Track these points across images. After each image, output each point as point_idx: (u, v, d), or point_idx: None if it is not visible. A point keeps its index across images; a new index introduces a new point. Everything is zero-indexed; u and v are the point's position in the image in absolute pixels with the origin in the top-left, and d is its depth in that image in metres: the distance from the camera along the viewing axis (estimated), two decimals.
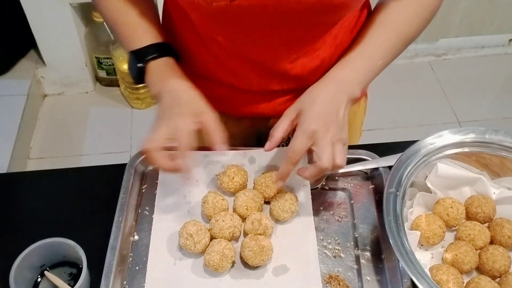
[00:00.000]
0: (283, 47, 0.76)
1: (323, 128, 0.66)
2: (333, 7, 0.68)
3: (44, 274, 0.69)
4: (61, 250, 0.69)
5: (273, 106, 0.85)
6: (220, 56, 0.79)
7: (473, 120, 2.15)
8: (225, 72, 0.82)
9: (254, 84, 0.81)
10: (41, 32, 2.00)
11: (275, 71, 0.79)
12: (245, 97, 0.84)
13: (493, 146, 0.77)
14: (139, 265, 0.70)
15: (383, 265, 0.70)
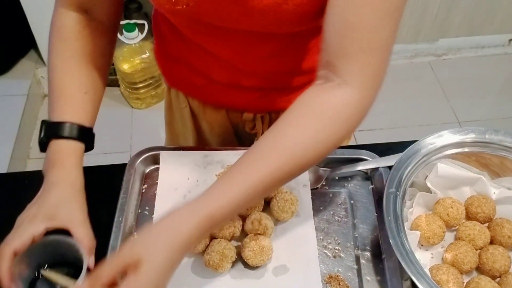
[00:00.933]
0: (248, 48, 0.75)
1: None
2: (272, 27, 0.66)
3: (41, 273, 0.68)
4: (60, 249, 0.67)
5: (246, 100, 0.86)
6: (194, 49, 0.80)
7: (473, 120, 2.15)
8: (199, 63, 0.83)
9: (225, 78, 0.82)
10: (41, 32, 2.00)
11: (242, 69, 0.79)
12: (219, 88, 0.85)
13: (493, 146, 0.77)
14: None
15: (383, 265, 0.70)
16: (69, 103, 0.69)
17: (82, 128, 0.69)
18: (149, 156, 0.82)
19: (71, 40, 0.71)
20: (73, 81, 0.70)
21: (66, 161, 0.68)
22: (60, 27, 0.71)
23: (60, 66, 0.71)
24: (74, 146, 0.69)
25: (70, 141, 0.68)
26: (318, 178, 0.80)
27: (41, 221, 0.62)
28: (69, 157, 0.69)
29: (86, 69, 0.71)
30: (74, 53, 0.71)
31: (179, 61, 0.85)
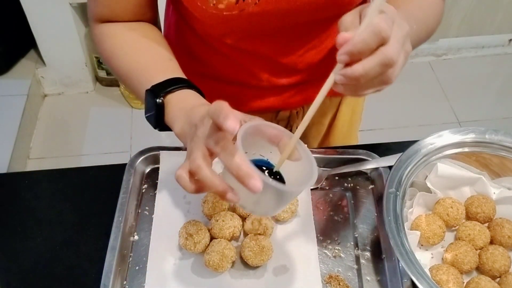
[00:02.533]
0: (292, 42, 0.76)
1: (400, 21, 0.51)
2: (342, 4, 0.68)
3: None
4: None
5: (282, 99, 0.86)
6: (228, 55, 0.79)
7: (473, 120, 2.15)
8: (233, 70, 0.82)
9: (263, 80, 0.82)
10: (41, 32, 2.00)
11: (284, 65, 0.79)
12: (254, 93, 0.84)
13: (493, 146, 0.76)
14: (139, 265, 0.70)
15: (383, 265, 0.70)
16: (160, 69, 0.67)
17: (185, 79, 0.67)
18: (149, 156, 0.82)
19: (127, 33, 0.72)
20: (153, 54, 0.70)
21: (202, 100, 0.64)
22: (108, 33, 0.73)
23: (131, 53, 0.70)
24: (193, 92, 0.65)
25: (186, 90, 0.65)
26: (318, 178, 0.80)
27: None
28: (201, 98, 0.65)
29: (157, 45, 0.71)
30: (136, 40, 0.71)
31: (205, 75, 0.83)
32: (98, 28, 0.74)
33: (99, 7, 0.73)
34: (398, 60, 0.48)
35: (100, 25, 0.74)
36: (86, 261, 0.72)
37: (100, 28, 0.74)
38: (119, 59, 0.71)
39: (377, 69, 0.47)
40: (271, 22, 0.70)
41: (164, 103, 0.63)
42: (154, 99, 0.63)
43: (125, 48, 0.72)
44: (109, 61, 0.73)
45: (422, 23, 0.68)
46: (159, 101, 0.63)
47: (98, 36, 0.74)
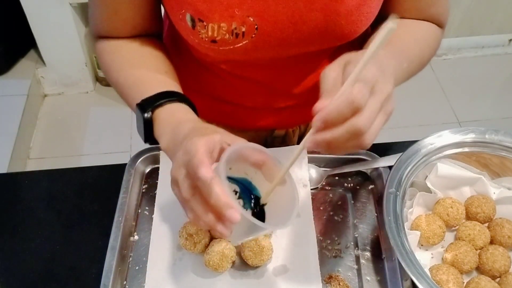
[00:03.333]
0: (287, 70, 0.76)
1: (380, 85, 0.50)
2: (338, 38, 0.68)
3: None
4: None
5: (277, 119, 0.86)
6: (223, 77, 0.79)
7: (473, 120, 2.15)
8: (228, 92, 0.82)
9: (258, 102, 0.82)
10: (41, 32, 2.00)
11: (279, 90, 0.79)
12: (250, 113, 0.84)
13: (493, 146, 0.76)
14: (139, 265, 0.70)
15: (383, 265, 0.70)
16: (154, 82, 0.67)
17: (178, 93, 0.66)
18: (149, 156, 0.82)
19: (125, 47, 0.72)
20: (148, 68, 0.70)
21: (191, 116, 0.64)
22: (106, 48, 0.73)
23: (128, 65, 0.71)
24: (183, 106, 0.65)
25: (176, 104, 0.64)
26: (318, 178, 0.80)
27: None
28: (190, 113, 0.64)
29: (154, 58, 0.71)
30: (133, 54, 0.71)
31: (200, 92, 0.83)
32: (99, 43, 0.74)
33: (100, 25, 0.73)
34: (368, 128, 0.49)
35: (101, 41, 0.74)
36: (86, 261, 0.72)
37: (101, 43, 0.74)
38: (116, 73, 0.71)
39: (346, 136, 0.49)
40: (266, 54, 0.69)
41: (153, 118, 0.63)
42: (142, 113, 0.63)
43: (122, 63, 0.71)
44: (107, 76, 0.74)
45: (415, 58, 0.70)
46: (147, 116, 0.63)
47: (98, 51, 0.75)
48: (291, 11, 0.64)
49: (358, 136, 0.49)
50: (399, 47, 0.66)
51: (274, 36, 0.66)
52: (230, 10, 0.62)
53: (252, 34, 0.65)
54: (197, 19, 0.64)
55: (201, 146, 0.51)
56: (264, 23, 0.64)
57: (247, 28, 0.64)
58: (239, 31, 0.64)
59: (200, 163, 0.49)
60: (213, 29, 0.64)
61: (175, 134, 0.58)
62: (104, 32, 0.73)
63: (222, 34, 0.64)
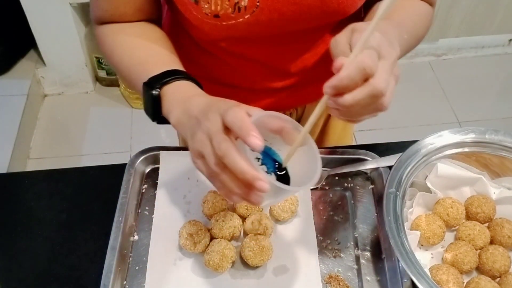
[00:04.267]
0: (285, 47, 0.77)
1: (387, 49, 0.52)
2: (337, 13, 0.69)
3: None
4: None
5: (275, 101, 0.86)
6: (222, 58, 0.79)
7: (473, 120, 2.15)
8: (226, 72, 0.82)
9: (256, 82, 0.82)
10: (41, 32, 2.00)
11: (277, 69, 0.80)
12: (247, 95, 0.84)
13: (493, 146, 0.76)
14: (139, 265, 0.70)
15: (383, 265, 0.70)
16: (159, 62, 0.68)
17: (183, 72, 0.67)
18: (149, 156, 0.82)
19: (128, 30, 0.72)
20: (152, 48, 0.71)
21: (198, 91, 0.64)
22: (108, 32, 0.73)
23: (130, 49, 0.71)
24: (190, 83, 0.65)
25: (182, 81, 0.65)
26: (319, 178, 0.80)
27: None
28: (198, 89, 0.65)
29: (157, 40, 0.72)
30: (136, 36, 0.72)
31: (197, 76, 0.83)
32: (100, 28, 0.75)
33: (101, 11, 0.73)
34: (387, 89, 0.51)
35: (102, 26, 0.75)
36: (86, 261, 0.72)
37: (102, 28, 0.75)
38: (118, 56, 0.72)
39: (366, 100, 0.50)
40: (266, 30, 0.70)
41: (161, 95, 0.63)
42: (150, 91, 0.63)
43: (124, 45, 0.72)
44: (110, 59, 0.74)
45: (413, 31, 0.72)
46: (155, 93, 0.63)
47: (100, 36, 0.75)
48: None
49: (378, 98, 0.50)
50: (397, 20, 0.67)
51: (274, 11, 0.67)
52: None
53: (253, 8, 0.66)
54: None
55: (244, 114, 0.51)
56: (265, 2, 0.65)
57: (249, 2, 0.65)
58: (241, 5, 0.65)
59: (249, 130, 0.49)
60: (216, 3, 0.65)
61: (187, 107, 0.58)
62: (106, 18, 0.73)
63: (225, 8, 0.65)
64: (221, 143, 0.50)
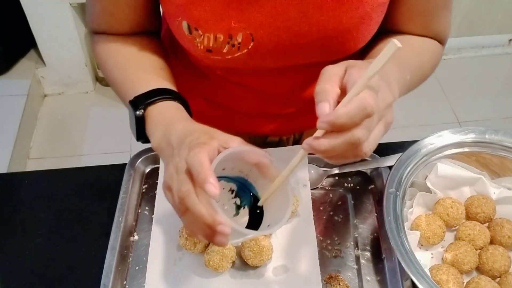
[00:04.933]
0: (284, 78, 0.75)
1: (383, 93, 0.50)
2: (338, 51, 0.67)
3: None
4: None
5: (272, 126, 0.85)
6: (218, 82, 0.78)
7: (473, 120, 2.15)
8: (222, 96, 0.81)
9: (253, 108, 0.81)
10: (41, 32, 2.00)
11: (275, 98, 0.79)
12: (243, 118, 0.83)
13: (493, 146, 0.76)
14: (139, 265, 0.70)
15: (383, 265, 0.70)
16: (149, 79, 0.66)
17: (172, 91, 0.65)
18: (149, 156, 0.82)
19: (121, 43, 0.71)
20: (143, 65, 0.69)
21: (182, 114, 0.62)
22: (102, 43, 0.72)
23: (123, 62, 0.70)
24: (176, 104, 0.63)
25: (168, 102, 0.63)
26: (318, 178, 0.80)
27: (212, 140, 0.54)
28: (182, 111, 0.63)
29: (150, 54, 0.70)
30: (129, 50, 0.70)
31: (194, 93, 0.80)
32: (96, 37, 0.74)
33: (96, 25, 0.72)
34: (366, 138, 0.47)
35: (98, 35, 0.73)
36: (86, 261, 0.72)
37: (97, 38, 0.73)
38: (110, 68, 0.71)
39: (343, 147, 0.47)
40: (262, 64, 0.69)
41: (145, 115, 0.62)
42: (134, 111, 0.62)
43: (117, 59, 0.70)
44: (102, 69, 0.73)
45: (417, 71, 0.69)
46: (139, 113, 0.62)
47: (94, 43, 0.74)
48: (288, 26, 0.63)
49: (355, 146, 0.47)
50: (402, 59, 0.65)
51: (270, 49, 0.65)
52: (227, 21, 0.62)
53: (248, 45, 0.64)
54: (193, 27, 0.63)
55: (204, 159, 0.49)
56: (260, 36, 0.64)
57: (243, 40, 0.64)
58: (235, 42, 0.64)
59: (208, 177, 0.48)
60: (209, 39, 0.63)
61: (167, 133, 0.57)
62: (101, 30, 0.72)
63: (218, 44, 0.64)
64: (183, 183, 0.50)
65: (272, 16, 0.62)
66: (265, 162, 0.55)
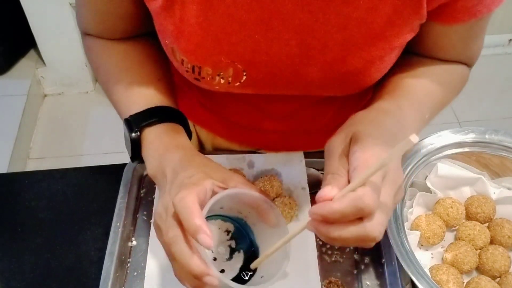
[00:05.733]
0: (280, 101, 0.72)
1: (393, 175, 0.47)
2: (343, 91, 0.63)
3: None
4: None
5: (264, 141, 0.82)
6: (215, 95, 0.73)
7: (473, 120, 2.15)
8: (215, 103, 0.78)
9: (246, 120, 0.78)
10: (41, 32, 2.00)
11: (269, 112, 0.75)
12: (235, 128, 0.80)
13: (493, 146, 0.76)
14: (137, 271, 0.70)
15: (382, 269, 0.70)
16: (144, 93, 0.61)
17: (169, 109, 0.61)
18: None
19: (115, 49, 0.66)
20: (139, 74, 0.64)
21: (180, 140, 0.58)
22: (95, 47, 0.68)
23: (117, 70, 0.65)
24: (173, 127, 0.60)
25: (165, 124, 0.59)
26: (317, 181, 0.79)
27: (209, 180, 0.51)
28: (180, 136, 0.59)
29: (145, 62, 0.65)
30: (123, 56, 0.65)
31: (188, 93, 0.78)
32: (88, 40, 0.69)
33: (88, 26, 0.67)
34: (380, 237, 0.45)
35: (89, 37, 0.68)
36: (86, 261, 0.72)
37: (89, 41, 0.68)
38: (104, 77, 0.67)
39: (352, 241, 0.44)
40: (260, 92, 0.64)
41: (141, 137, 0.58)
42: (130, 132, 0.58)
43: (110, 66, 0.66)
44: (96, 76, 0.69)
45: (438, 105, 0.63)
46: (134, 135, 0.58)
47: (86, 46, 0.70)
48: (286, 64, 0.58)
49: (367, 241, 0.45)
50: (423, 98, 0.60)
51: (266, 83, 0.61)
52: (216, 56, 0.57)
53: (240, 79, 0.60)
54: (181, 57, 0.59)
55: (192, 203, 0.46)
56: (254, 72, 0.59)
57: (234, 74, 0.59)
58: (225, 76, 0.59)
59: (200, 226, 0.45)
60: (197, 69, 0.59)
61: (162, 162, 0.55)
62: (93, 33, 0.68)
63: (207, 76, 0.60)
64: (169, 228, 0.47)
65: (267, 55, 0.57)
66: (265, 208, 0.52)
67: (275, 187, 0.72)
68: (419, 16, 0.54)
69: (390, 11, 0.52)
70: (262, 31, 0.55)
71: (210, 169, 0.52)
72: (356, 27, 0.54)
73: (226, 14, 0.53)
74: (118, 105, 0.64)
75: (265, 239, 0.56)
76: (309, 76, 0.59)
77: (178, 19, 0.54)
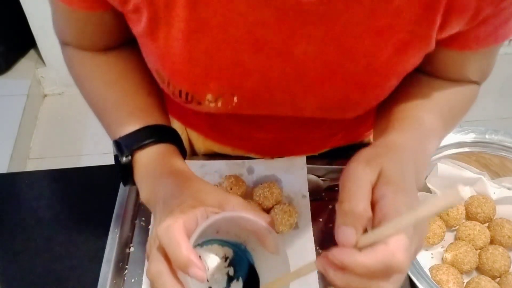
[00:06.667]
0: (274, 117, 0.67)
1: (419, 234, 0.42)
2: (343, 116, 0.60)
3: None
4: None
5: (257, 148, 0.80)
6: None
7: (473, 120, 2.15)
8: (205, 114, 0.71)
9: (237, 130, 0.74)
10: (41, 32, 2.00)
11: (262, 125, 0.71)
12: (227, 134, 0.77)
13: (493, 146, 0.77)
14: (135, 278, 0.69)
15: None
16: (134, 111, 0.57)
17: (162, 128, 0.56)
18: None
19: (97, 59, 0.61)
20: (127, 88, 0.59)
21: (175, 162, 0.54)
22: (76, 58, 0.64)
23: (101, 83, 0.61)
24: (167, 149, 0.55)
25: (159, 146, 0.55)
26: (317, 189, 0.78)
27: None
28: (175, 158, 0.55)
29: (134, 74, 0.60)
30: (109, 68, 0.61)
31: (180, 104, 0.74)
32: (67, 50, 0.64)
33: (66, 38, 0.63)
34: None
35: (69, 47, 0.64)
36: (86, 261, 0.72)
37: (69, 52, 0.64)
38: (87, 90, 0.62)
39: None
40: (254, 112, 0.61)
41: (132, 161, 0.54)
42: (121, 156, 0.54)
43: (93, 79, 0.61)
44: (80, 90, 0.64)
45: (447, 131, 0.61)
46: (125, 160, 0.54)
47: (65, 56, 0.65)
48: (279, 91, 0.54)
49: None
50: (433, 130, 0.56)
51: (257, 105, 0.58)
52: (204, 82, 0.53)
53: (230, 104, 0.56)
54: (167, 80, 0.55)
55: (178, 234, 0.42)
56: (246, 98, 0.56)
57: (224, 100, 0.55)
58: (214, 101, 0.55)
59: (190, 260, 0.41)
60: (184, 94, 0.55)
61: (155, 187, 0.51)
62: (72, 45, 0.63)
63: (194, 99, 0.56)
64: (153, 261, 0.43)
65: (258, 84, 0.54)
66: (264, 233, 0.48)
67: (274, 194, 0.71)
68: (427, 47, 0.51)
69: (397, 44, 0.49)
70: (254, 57, 0.51)
71: (205, 193, 0.48)
72: (358, 60, 0.51)
73: (214, 39, 0.50)
74: (104, 122, 0.60)
75: (266, 266, 0.53)
76: (304, 102, 0.57)
77: (162, 44, 0.51)
